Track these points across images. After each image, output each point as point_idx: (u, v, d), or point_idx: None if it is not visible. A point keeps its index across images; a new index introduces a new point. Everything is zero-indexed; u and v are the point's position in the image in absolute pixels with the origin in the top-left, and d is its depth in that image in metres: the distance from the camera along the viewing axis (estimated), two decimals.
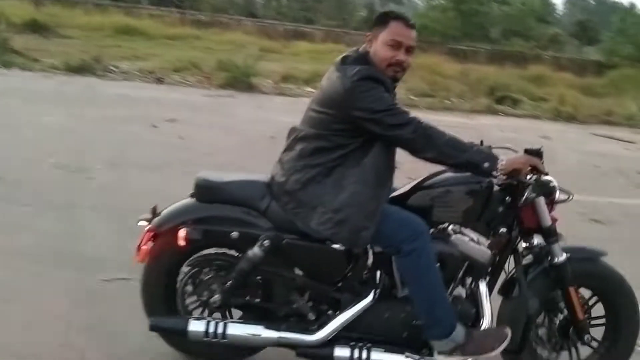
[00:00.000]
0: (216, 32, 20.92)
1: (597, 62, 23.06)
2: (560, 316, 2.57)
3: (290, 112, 8.95)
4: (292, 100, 10.38)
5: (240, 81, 10.96)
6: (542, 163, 2.34)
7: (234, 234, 2.35)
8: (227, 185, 2.42)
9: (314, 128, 2.28)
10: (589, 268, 2.58)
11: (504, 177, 2.24)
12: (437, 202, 2.38)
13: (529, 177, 2.32)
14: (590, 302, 2.63)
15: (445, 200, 2.37)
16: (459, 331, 2.32)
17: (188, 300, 2.50)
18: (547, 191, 2.36)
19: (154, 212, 2.46)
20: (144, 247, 2.40)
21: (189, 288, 2.47)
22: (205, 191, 2.44)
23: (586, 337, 2.57)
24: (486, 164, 2.19)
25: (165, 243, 2.41)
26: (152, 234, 2.41)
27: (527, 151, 2.38)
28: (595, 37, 28.53)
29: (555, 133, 10.14)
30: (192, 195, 2.48)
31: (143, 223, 2.46)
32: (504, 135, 8.84)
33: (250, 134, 7.19)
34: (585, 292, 2.62)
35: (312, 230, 2.27)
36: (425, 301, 2.30)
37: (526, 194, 2.33)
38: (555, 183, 2.40)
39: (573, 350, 2.60)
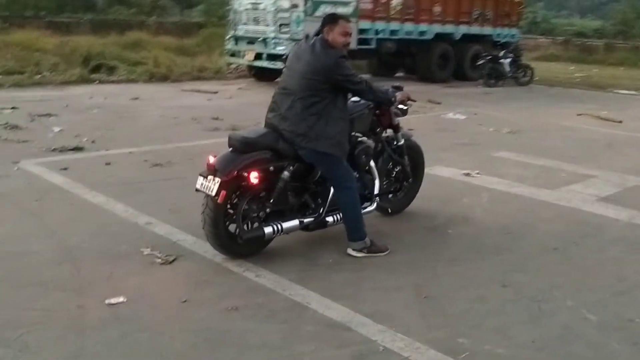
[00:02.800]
0: None
1: (197, 23, 26.18)
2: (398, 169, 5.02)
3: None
4: None
5: None
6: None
7: (271, 168, 3.93)
8: (259, 137, 3.96)
9: (308, 89, 3.94)
10: (410, 143, 5.04)
11: (397, 104, 4.44)
12: (356, 121, 4.40)
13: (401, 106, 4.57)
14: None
15: (360, 118, 4.45)
16: (367, 239, 4.21)
17: (245, 219, 3.95)
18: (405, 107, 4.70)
19: (211, 168, 3.78)
20: (223, 192, 3.74)
21: (247, 209, 3.94)
22: (246, 145, 3.90)
23: (409, 180, 5.10)
24: (393, 98, 4.36)
25: (231, 185, 3.80)
26: (222, 181, 3.74)
27: (393, 87, 4.60)
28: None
29: (147, 94, 11.81)
30: (232, 150, 3.88)
31: (203, 178, 3.80)
32: (94, 102, 10.50)
33: None
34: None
35: (317, 153, 3.98)
36: (352, 217, 4.20)
37: (393, 109, 4.61)
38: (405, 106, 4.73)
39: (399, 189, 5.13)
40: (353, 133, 4.43)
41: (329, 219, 4.24)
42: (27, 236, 4.30)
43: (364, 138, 4.52)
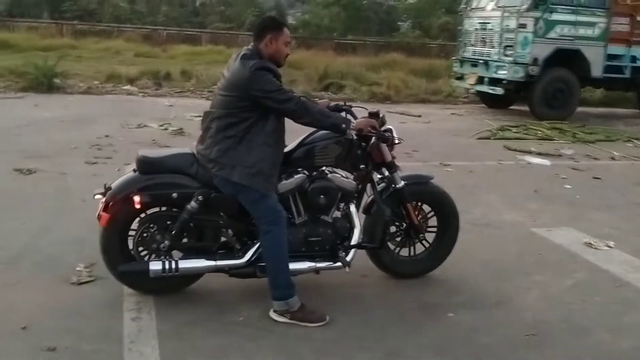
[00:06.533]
0: (96, 41, 21.46)
1: None
2: (403, 223, 3.92)
3: (67, 107, 10.33)
4: (87, 98, 11.61)
5: (41, 83, 11.87)
6: (380, 121, 3.61)
7: (174, 195, 3.36)
8: (164, 158, 3.44)
9: (224, 108, 3.30)
10: (422, 188, 3.93)
11: (354, 133, 3.44)
12: (317, 152, 3.54)
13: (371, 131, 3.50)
14: (429, 215, 4.00)
15: (322, 150, 3.55)
16: (295, 301, 3.35)
17: (141, 249, 3.47)
18: (384, 139, 3.58)
19: (106, 187, 3.41)
20: (104, 214, 3.35)
21: (142, 240, 3.44)
22: (147, 165, 3.42)
23: (420, 236, 3.94)
24: (343, 125, 3.36)
25: (120, 209, 3.37)
26: (107, 203, 3.35)
27: (369, 113, 3.64)
28: None
29: None
30: (135, 170, 3.45)
31: (98, 197, 3.42)
32: None
33: None
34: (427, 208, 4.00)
35: (233, 184, 3.30)
36: (272, 270, 3.36)
37: (371, 142, 3.56)
38: (390, 134, 3.64)
39: (412, 246, 4.00)
40: (325, 168, 3.63)
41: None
42: None
43: (337, 175, 3.64)
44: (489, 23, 12.22)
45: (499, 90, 11.84)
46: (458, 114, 12.37)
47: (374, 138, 3.55)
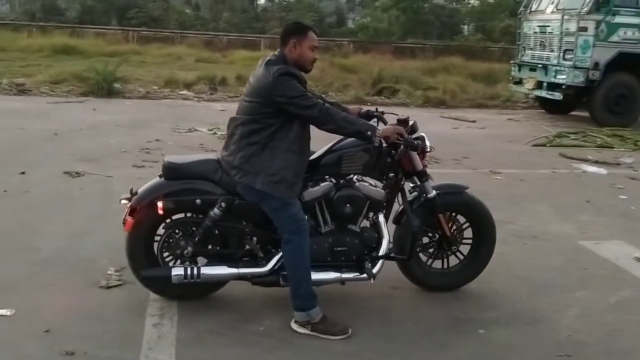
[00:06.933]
0: (159, 47, 22.01)
1: None
2: (436, 234, 3.77)
3: (124, 111, 10.55)
4: (144, 103, 11.85)
5: (101, 87, 12.21)
6: (409, 128, 3.47)
7: (198, 201, 3.34)
8: (189, 164, 3.42)
9: (248, 114, 3.26)
10: (455, 199, 3.77)
11: (380, 141, 3.32)
12: (344, 160, 3.45)
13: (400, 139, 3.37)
14: (464, 227, 3.84)
15: (349, 157, 3.45)
16: (316, 312, 3.27)
17: (166, 255, 3.47)
18: (413, 147, 3.44)
19: (132, 193, 3.42)
20: (128, 220, 3.36)
21: (166, 245, 3.44)
22: (171, 171, 3.41)
23: (453, 247, 3.78)
24: (369, 133, 3.25)
25: (145, 214, 3.38)
26: (133, 209, 3.36)
27: (398, 120, 3.51)
28: None
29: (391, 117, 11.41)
30: (160, 176, 3.46)
31: (124, 202, 3.43)
32: None
33: (33, 134, 8.21)
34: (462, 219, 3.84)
35: (255, 191, 3.25)
36: (294, 280, 3.29)
37: (399, 150, 3.43)
38: (419, 141, 3.50)
39: (445, 259, 3.84)
40: (353, 176, 3.54)
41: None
42: None
43: (365, 183, 3.55)
44: (548, 26, 11.81)
45: (557, 96, 11.40)
46: (515, 120, 12.00)
47: (402, 146, 3.42)
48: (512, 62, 13.41)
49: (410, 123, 3.58)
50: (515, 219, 5.44)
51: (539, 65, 11.84)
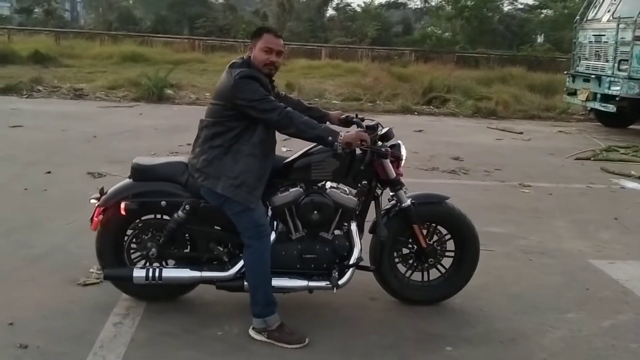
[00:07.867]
0: (222, 56, 22.48)
1: None
2: (414, 246, 3.64)
3: (168, 117, 10.73)
4: (191, 108, 11.95)
5: (152, 93, 12.66)
6: (377, 135, 3.33)
7: (163, 203, 3.34)
8: (155, 166, 3.42)
9: (211, 117, 3.24)
10: (432, 209, 3.61)
11: (343, 147, 3.16)
12: (313, 166, 3.36)
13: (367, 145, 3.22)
14: (446, 239, 3.67)
15: (319, 163, 3.35)
16: (274, 319, 3.20)
17: (133, 256, 3.48)
18: (381, 154, 3.30)
19: (102, 192, 3.45)
20: (96, 219, 3.40)
21: (133, 246, 3.46)
22: (139, 172, 3.43)
23: (430, 260, 3.62)
24: (330, 138, 3.14)
25: (112, 215, 3.40)
26: (101, 208, 3.39)
27: (367, 127, 3.40)
28: None
29: (436, 126, 11.37)
30: (129, 177, 3.47)
31: (93, 201, 3.47)
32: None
33: (73, 136, 8.54)
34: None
35: (217, 195, 3.21)
36: (252, 286, 3.22)
37: (365, 158, 3.29)
38: (390, 149, 3.37)
39: (425, 271, 3.69)
40: (325, 182, 3.44)
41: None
42: None
43: (337, 190, 3.43)
44: (603, 35, 11.29)
45: (610, 108, 10.87)
46: (566, 132, 11.49)
47: (367, 154, 3.30)
48: (566, 72, 12.87)
49: (384, 130, 3.45)
50: (529, 234, 5.18)
51: (593, 76, 11.31)
